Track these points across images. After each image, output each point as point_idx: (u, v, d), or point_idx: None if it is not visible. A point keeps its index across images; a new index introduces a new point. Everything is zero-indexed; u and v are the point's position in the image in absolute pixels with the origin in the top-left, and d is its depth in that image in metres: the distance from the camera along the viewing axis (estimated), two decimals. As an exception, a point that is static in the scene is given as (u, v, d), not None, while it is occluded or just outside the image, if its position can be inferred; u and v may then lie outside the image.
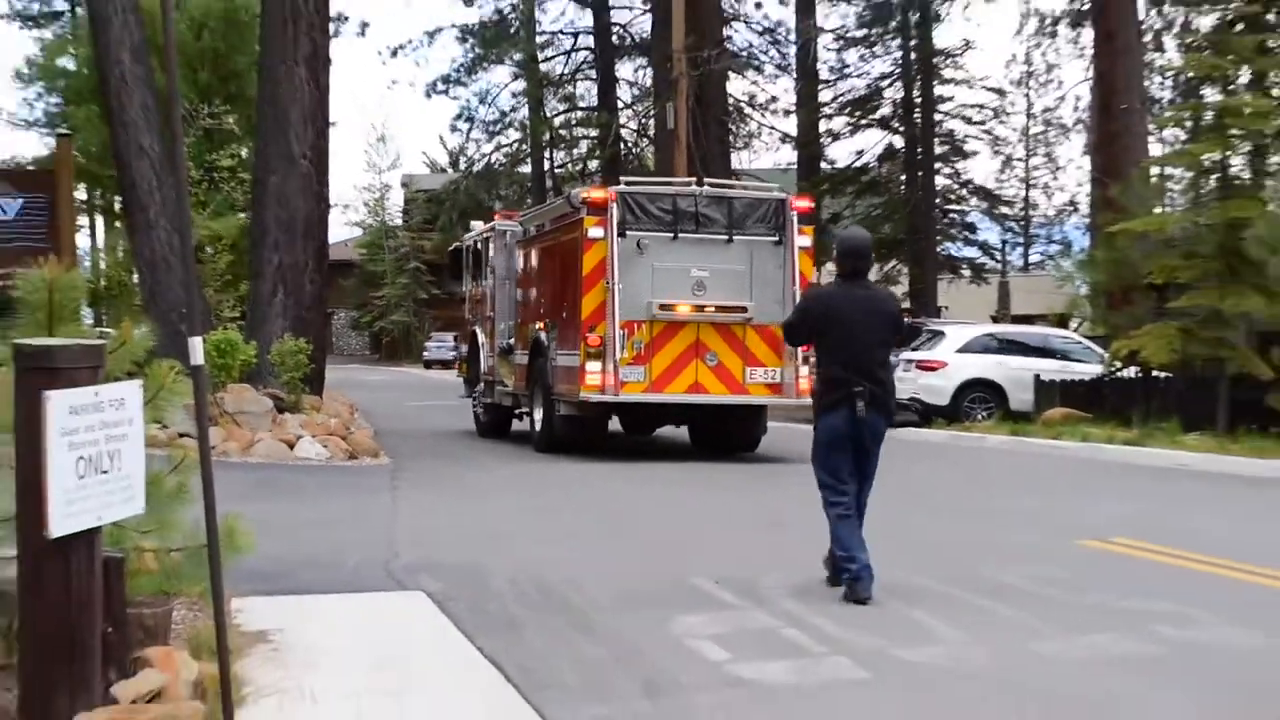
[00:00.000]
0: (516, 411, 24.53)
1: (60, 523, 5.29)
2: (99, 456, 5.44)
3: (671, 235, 19.23)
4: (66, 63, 58.80)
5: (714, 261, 19.21)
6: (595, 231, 18.77)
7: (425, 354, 69.27)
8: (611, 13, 59.00)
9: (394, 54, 73.34)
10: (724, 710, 6.89)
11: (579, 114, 62.33)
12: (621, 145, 56.34)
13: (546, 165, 60.05)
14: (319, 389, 23.07)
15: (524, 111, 61.02)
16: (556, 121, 61.57)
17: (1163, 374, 27.08)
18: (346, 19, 65.80)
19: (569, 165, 61.92)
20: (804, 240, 19.92)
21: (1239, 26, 30.12)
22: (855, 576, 8.96)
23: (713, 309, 19.19)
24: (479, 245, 27.86)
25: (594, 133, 60.83)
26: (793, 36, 53.64)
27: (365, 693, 7.16)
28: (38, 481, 5.27)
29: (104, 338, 6.84)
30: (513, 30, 59.36)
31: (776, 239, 19.70)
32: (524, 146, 61.54)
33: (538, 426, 21.64)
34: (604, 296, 18.61)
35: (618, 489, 16.48)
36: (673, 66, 38.84)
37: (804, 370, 19.01)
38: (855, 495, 9.47)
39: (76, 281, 7.46)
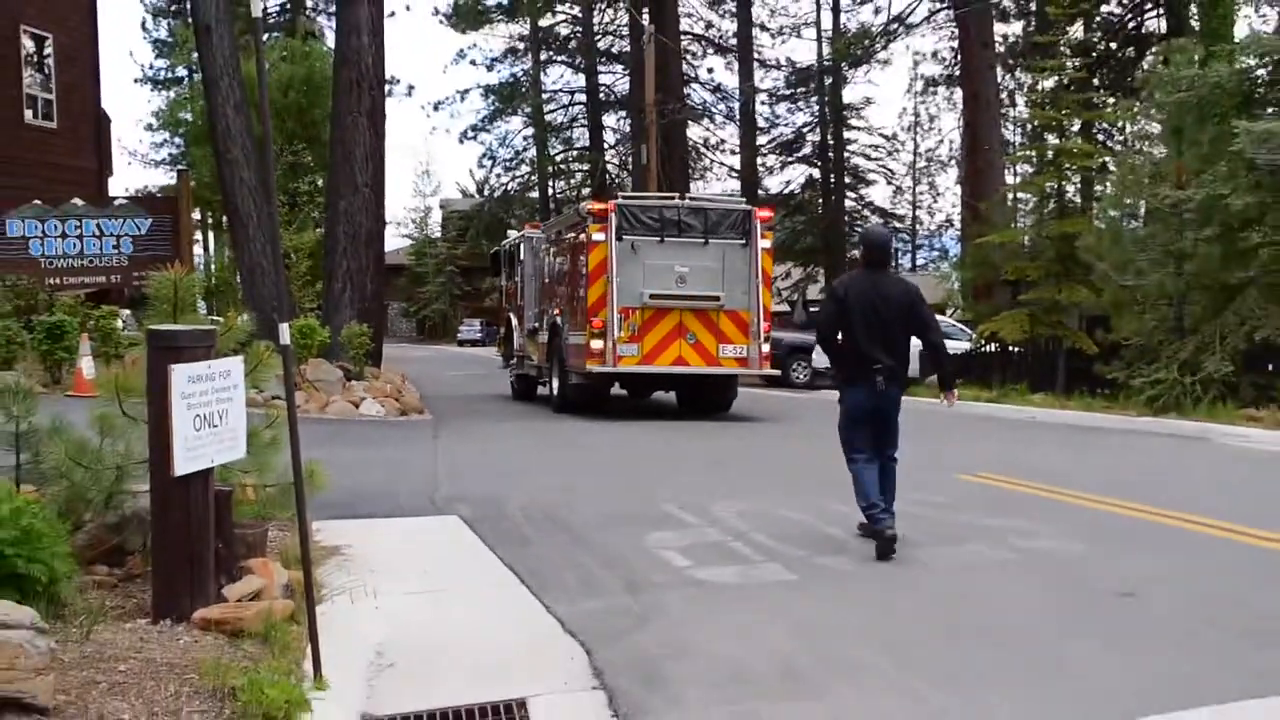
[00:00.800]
0: (540, 380, 23.77)
1: (182, 465, 5.31)
2: (211, 414, 5.45)
3: (659, 239, 18.89)
4: (185, 115, 58.66)
5: (693, 260, 18.91)
6: (598, 236, 18.52)
7: (459, 335, 69.55)
8: (599, 76, 58.98)
9: (435, 108, 74.78)
10: (687, 603, 6.92)
11: (574, 153, 62.33)
12: (606, 177, 56.65)
13: (550, 192, 59.90)
14: (378, 362, 23.05)
15: (532, 151, 61.01)
16: (557, 158, 61.52)
17: (1015, 349, 27.20)
18: (398, 81, 65.64)
19: (566, 192, 61.90)
20: (765, 243, 19.55)
21: (1071, 88, 30.14)
22: (876, 518, 8.11)
23: (693, 298, 18.86)
24: (512, 249, 27.45)
25: (586, 167, 61.04)
26: (737, 94, 53.54)
27: (413, 591, 7.18)
28: (165, 433, 5.29)
29: (215, 325, 6.84)
30: (523, 90, 59.30)
31: (744, 242, 19.30)
32: (532, 178, 61.55)
33: (555, 392, 21.37)
34: (605, 288, 18.38)
35: (609, 439, 16.48)
36: (645, 117, 38.79)
37: (765, 348, 19.27)
38: (874, 454, 8.51)
39: (194, 282, 7.49)
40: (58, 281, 23.31)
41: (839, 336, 8.44)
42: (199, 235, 59.35)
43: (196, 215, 51.60)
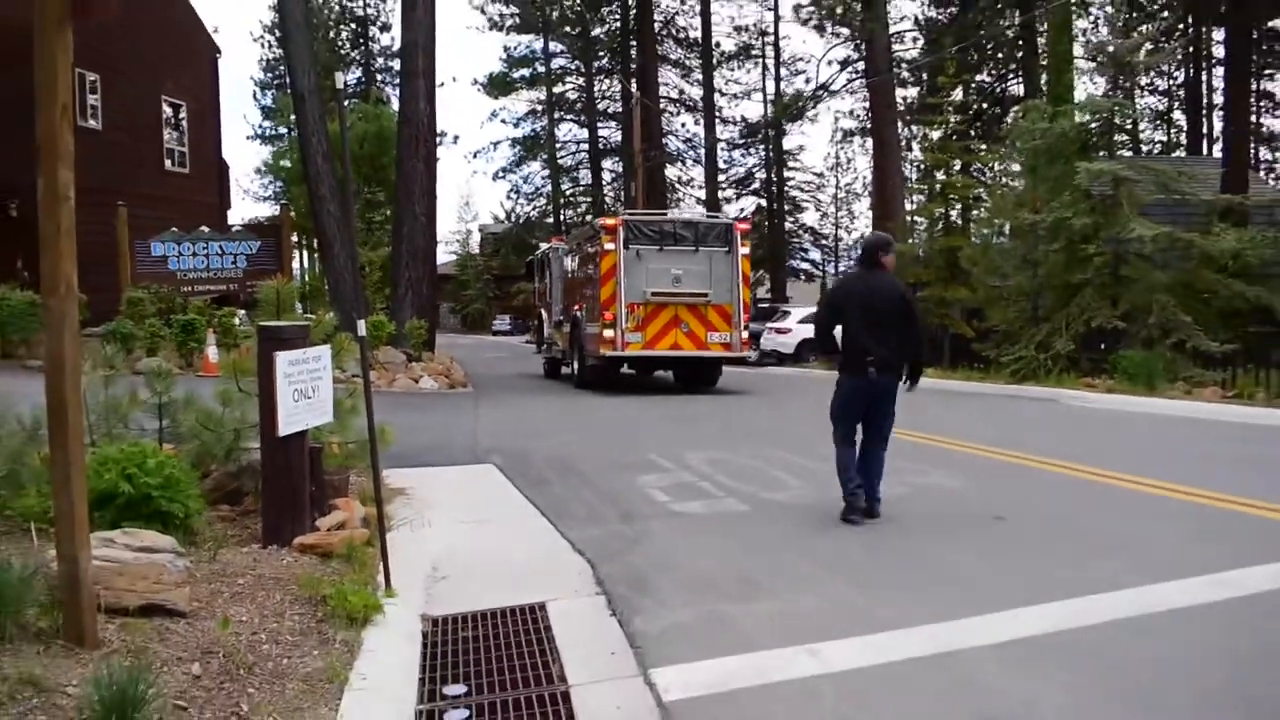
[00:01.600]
0: (564, 363, 22.71)
1: (285, 427, 5.31)
2: (306, 389, 5.44)
3: (659, 247, 18.02)
4: (285, 163, 58.57)
5: (686, 264, 18.08)
6: (609, 245, 17.75)
7: (493, 327, 69.68)
8: (599, 130, 58.88)
9: (474, 155, 75.16)
10: (667, 528, 6.92)
11: (580, 188, 62.20)
12: (604, 206, 56.59)
13: (561, 218, 59.78)
14: (432, 348, 22.95)
15: (548, 187, 60.88)
16: (567, 192, 61.43)
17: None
18: (447, 134, 65.61)
19: (574, 218, 61.77)
20: (744, 250, 18.60)
21: (954, 137, 30.15)
22: (852, 493, 7.20)
23: (686, 295, 18.04)
24: (542, 258, 26.39)
25: (589, 199, 60.94)
26: (703, 143, 53.47)
27: (461, 522, 7.18)
28: (271, 404, 5.29)
29: (308, 322, 6.83)
30: (541, 141, 59.22)
31: (727, 249, 18.36)
32: (548, 207, 61.36)
33: (575, 372, 20.58)
34: (615, 287, 17.60)
35: (612, 407, 16.43)
36: (634, 161, 38.75)
37: (745, 335, 18.56)
38: (854, 437, 7.47)
39: (292, 289, 7.49)
40: (190, 289, 23.51)
41: (837, 329, 7.50)
42: (297, 254, 59.30)
43: (295, 238, 51.65)
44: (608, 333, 17.66)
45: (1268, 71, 49.64)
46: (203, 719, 3.34)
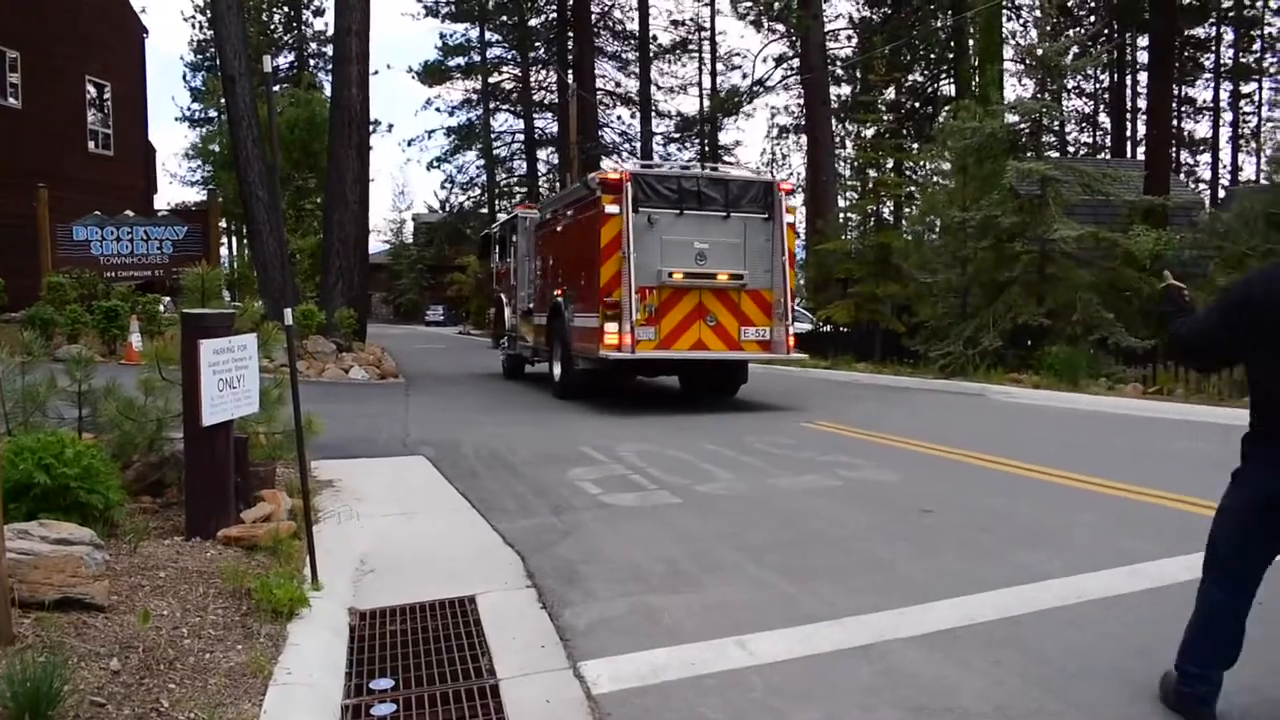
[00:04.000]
0: (533, 360, 19.10)
1: (209, 417, 5.23)
2: (231, 378, 5.35)
3: (678, 211, 13.85)
4: (214, 147, 57.63)
5: (713, 235, 13.96)
6: (612, 208, 13.48)
7: (426, 317, 69.16)
8: (535, 121, 58.63)
9: (409, 144, 73.89)
10: (598, 521, 6.91)
11: (515, 179, 61.84)
12: (539, 199, 56.38)
13: (495, 208, 59.40)
14: (363, 338, 22.71)
15: (483, 177, 60.51)
16: (502, 183, 61.07)
17: (845, 329, 27.55)
18: (380, 122, 65.13)
19: (509, 209, 61.50)
20: (789, 218, 14.42)
21: (886, 135, 30.50)
22: (1196, 681, 3.65)
23: (713, 276, 13.92)
24: (504, 231, 21.98)
25: (524, 190, 60.60)
26: (639, 137, 53.47)
27: (390, 514, 7.10)
28: (195, 393, 5.21)
29: (235, 309, 6.72)
30: (476, 131, 58.80)
31: (766, 216, 14.22)
32: (483, 198, 60.97)
33: (557, 376, 16.00)
34: (620, 265, 13.34)
35: (543, 398, 16.35)
36: (569, 153, 38.63)
37: (791, 330, 14.27)
38: (1250, 581, 3.70)
39: (218, 276, 7.35)
40: (113, 275, 23.16)
41: (1223, 358, 4.22)
42: (225, 240, 58.41)
43: (223, 224, 50.83)
44: (610, 328, 13.46)
45: (1189, 77, 51.05)
46: (121, 715, 3.26)
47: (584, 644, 4.42)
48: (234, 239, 62.19)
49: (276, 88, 50.62)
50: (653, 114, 53.43)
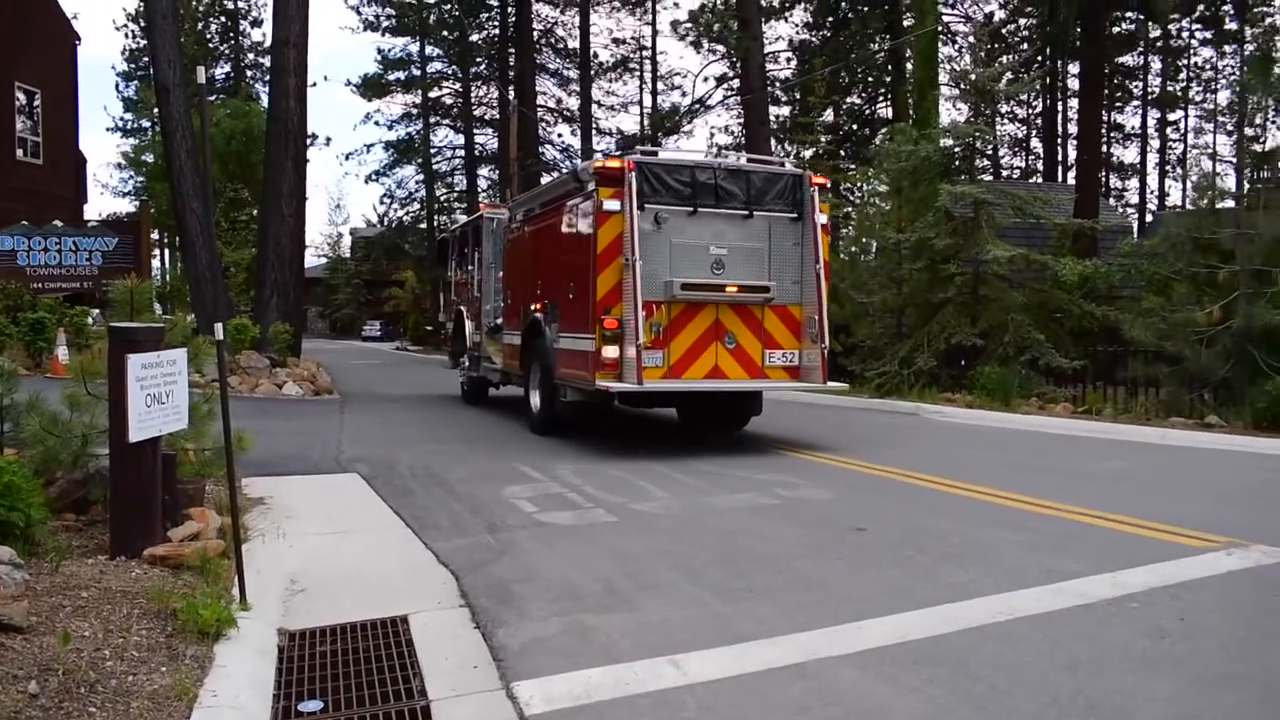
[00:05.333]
0: (497, 384, 16.91)
1: (136, 433, 5.13)
2: (160, 393, 5.26)
3: (690, 209, 11.38)
4: (147, 157, 56.70)
5: (732, 238, 11.58)
6: (611, 204, 10.98)
7: (363, 333, 68.79)
8: (475, 136, 58.43)
9: (347, 158, 73.54)
10: (534, 539, 6.88)
11: (455, 194, 61.51)
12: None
13: (435, 223, 59.07)
14: (298, 353, 22.43)
15: (422, 192, 60.08)
16: (441, 198, 60.66)
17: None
18: (318, 135, 64.43)
19: (449, 224, 61.25)
20: (822, 218, 11.93)
21: (824, 156, 30.88)
22: None
23: (734, 289, 11.50)
24: (464, 234, 18.92)
25: (464, 206, 60.32)
26: (580, 154, 53.54)
27: (321, 533, 7.01)
28: (122, 408, 5.11)
29: (166, 323, 6.62)
30: (416, 145, 58.45)
31: (795, 215, 11.84)
32: (422, 213, 60.53)
33: (536, 407, 13.30)
34: (620, 275, 10.94)
35: (479, 416, 16.25)
36: (510, 169, 38.57)
37: (825, 351, 11.89)
38: None
39: (149, 289, 7.25)
40: (40, 286, 22.72)
41: None
42: (157, 252, 57.50)
43: (155, 236, 50.02)
44: (608, 352, 11.03)
45: (1118, 105, 52.39)
46: (37, 740, 3.18)
47: (517, 664, 4.39)
48: (166, 251, 61.16)
49: (213, 98, 50.08)
50: (594, 131, 53.55)
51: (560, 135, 58.21)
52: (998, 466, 10.40)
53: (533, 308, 13.31)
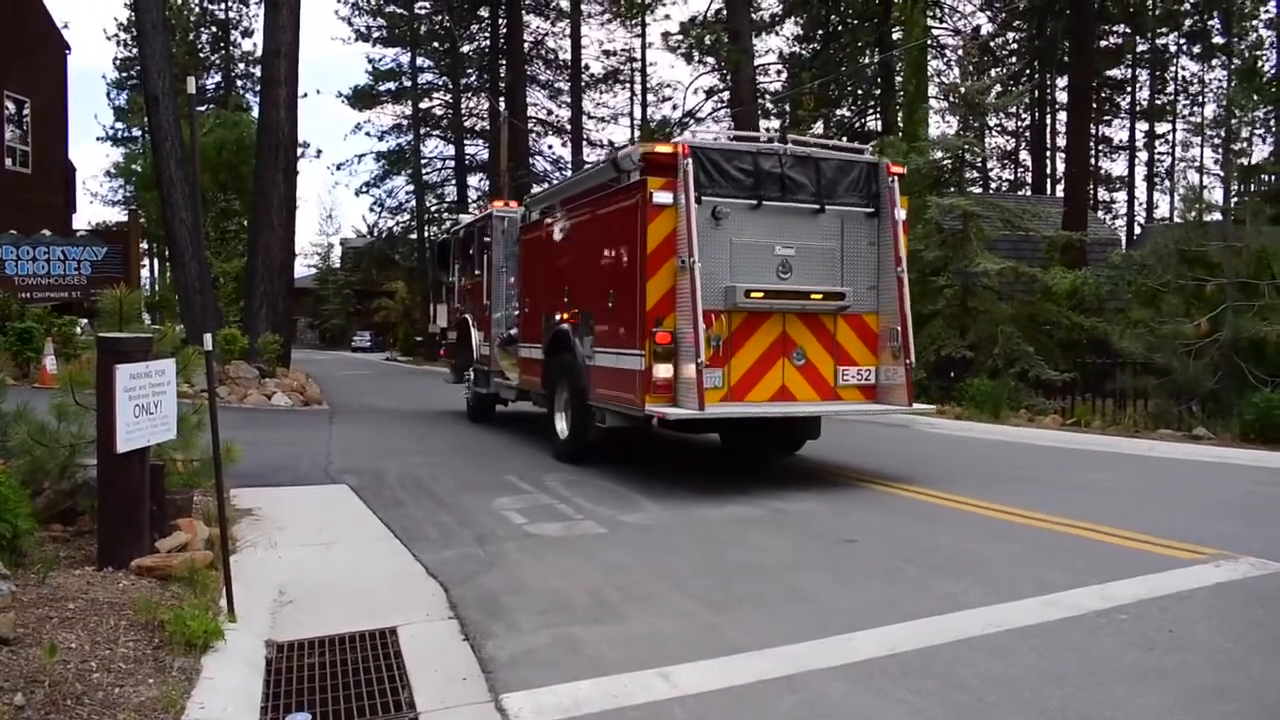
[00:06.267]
0: (506, 400, 15.46)
1: (124, 444, 5.12)
2: (148, 404, 5.25)
3: (754, 202, 9.72)
4: (136, 166, 56.66)
5: (801, 236, 9.94)
6: (662, 197, 9.32)
7: (353, 343, 68.69)
8: (465, 147, 58.45)
9: (338, 168, 73.31)
10: (523, 551, 6.87)
11: (445, 205, 61.48)
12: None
13: (425, 234, 59.04)
14: (287, 364, 22.40)
15: (413, 203, 60.03)
16: (432, 209, 60.63)
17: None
18: (309, 145, 64.68)
19: (440, 234, 61.22)
20: (901, 213, 10.23)
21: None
22: None
23: (806, 296, 9.84)
24: (470, 235, 16.86)
25: (454, 216, 60.36)
26: (570, 165, 53.61)
27: (309, 544, 6.99)
28: (109, 419, 5.10)
29: (155, 333, 6.61)
30: (406, 156, 58.43)
31: (871, 209, 10.25)
32: (412, 223, 60.51)
33: (563, 433, 11.64)
34: (673, 280, 9.34)
35: (470, 428, 16.21)
36: (500, 179, 38.60)
37: (909, 368, 10.02)
38: None
39: (137, 299, 7.23)
40: (28, 296, 22.67)
41: None
42: (146, 261, 57.42)
43: (145, 245, 49.93)
44: (661, 371, 9.34)
45: (1106, 117, 52.65)
46: (22, 753, 3.16)
47: (506, 676, 4.38)
48: (155, 261, 61.06)
49: (203, 108, 50.08)
50: (584, 142, 53.64)
51: (551, 146, 58.44)
52: (987, 478, 10.42)
53: (558, 318, 11.71)
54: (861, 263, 10.28)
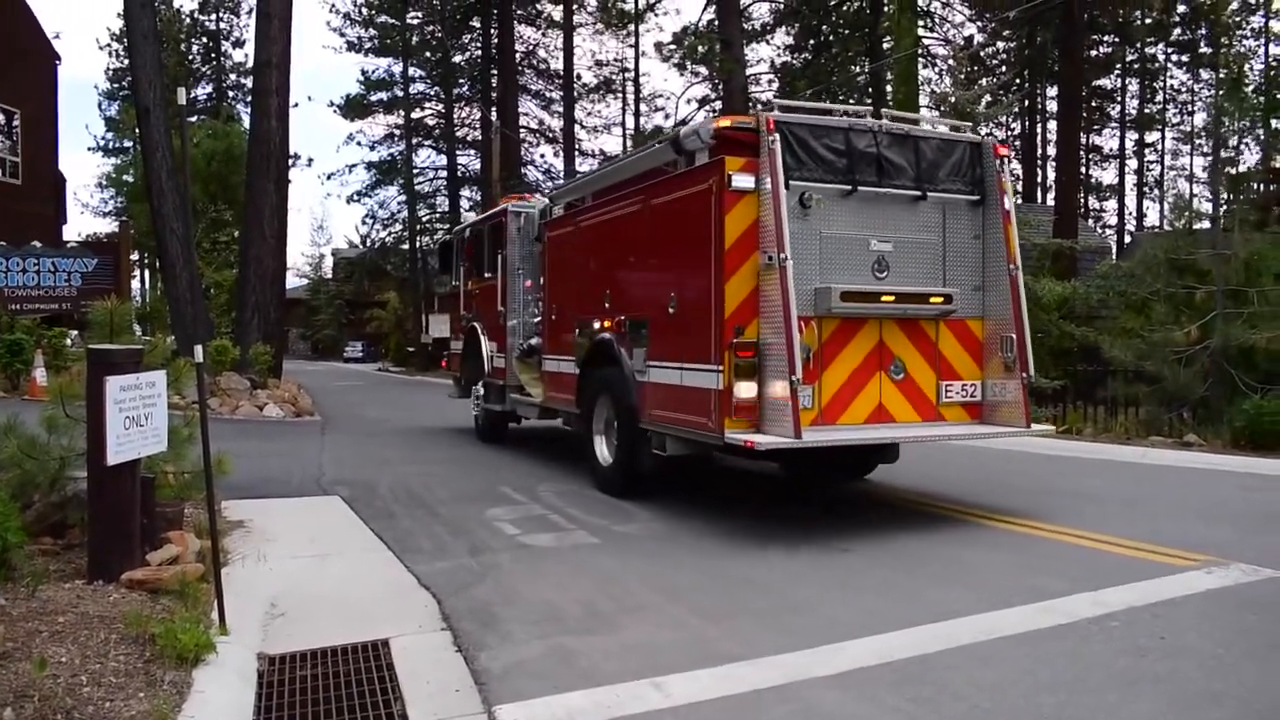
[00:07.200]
0: (518, 417, 14.07)
1: (114, 456, 5.09)
2: (138, 416, 5.23)
3: (847, 188, 8.18)
4: (128, 177, 56.61)
5: (899, 228, 8.44)
6: (742, 180, 7.74)
7: (345, 354, 68.58)
8: (458, 157, 58.47)
9: (329, 178, 73.50)
10: (515, 562, 6.86)
11: (437, 215, 61.49)
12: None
13: (417, 244, 59.01)
14: (279, 375, 22.38)
15: (405, 213, 60.01)
16: (424, 219, 60.62)
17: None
18: (300, 155, 64.55)
19: (432, 246, 61.10)
20: (1009, 201, 8.75)
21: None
22: None
23: (909, 299, 8.33)
24: (479, 234, 15.03)
25: (447, 226, 60.34)
26: (562, 175, 53.65)
27: (301, 556, 6.97)
28: (100, 431, 5.08)
29: (146, 345, 6.59)
30: (398, 166, 58.43)
31: (976, 197, 8.75)
32: (405, 233, 60.47)
33: (605, 459, 10.07)
34: (756, 280, 7.77)
35: (462, 438, 16.17)
36: (492, 190, 38.63)
37: (1024, 385, 8.50)
38: None
39: (128, 310, 7.21)
40: (18, 307, 22.53)
41: None
42: (137, 272, 57.32)
43: (135, 256, 49.86)
44: (744, 390, 7.68)
45: (1096, 126, 52.89)
46: (12, 768, 3.14)
47: (499, 688, 4.37)
48: (146, 272, 60.93)
49: (194, 119, 50.00)
50: (576, 152, 53.70)
51: (543, 156, 58.36)
52: (978, 485, 10.43)
53: (596, 325, 10.18)
54: (965, 259, 8.82)
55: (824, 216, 8.13)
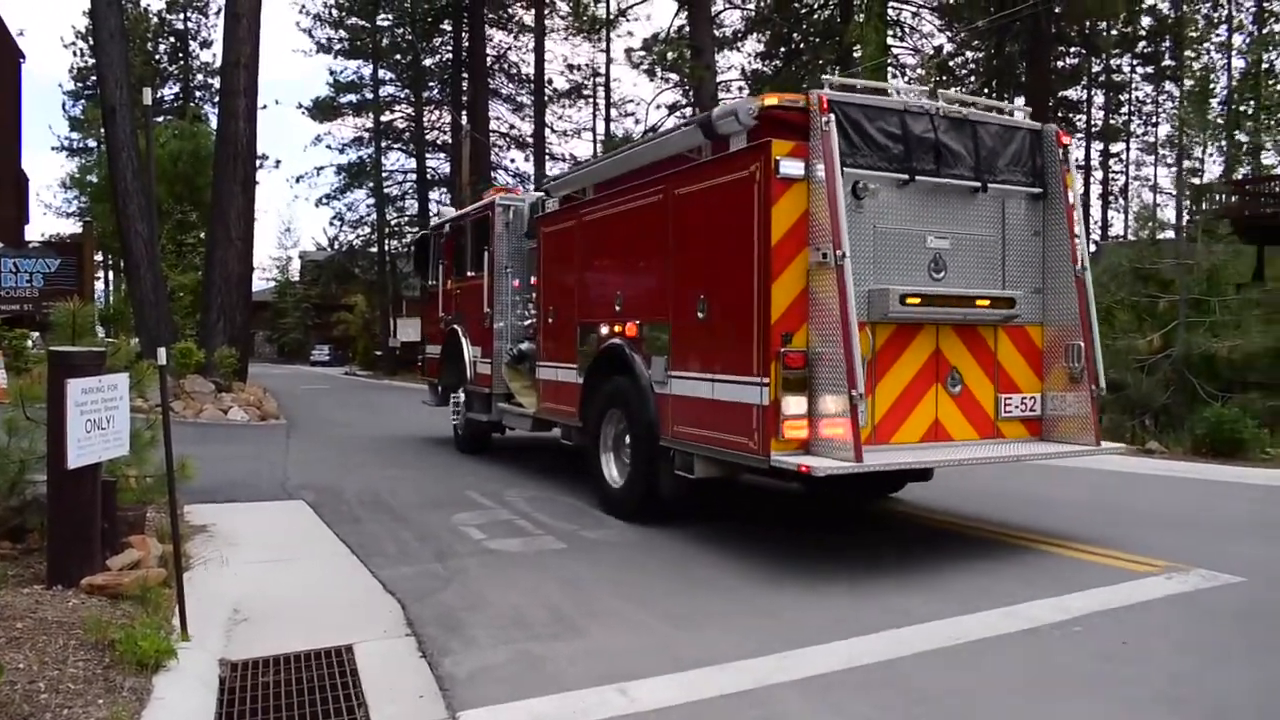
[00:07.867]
0: (501, 428, 12.85)
1: (75, 460, 5.04)
2: (100, 419, 5.17)
3: (904, 178, 7.20)
4: (92, 177, 55.98)
5: (956, 223, 7.47)
6: (791, 167, 6.69)
7: (312, 357, 68.14)
8: (427, 160, 58.29)
9: (297, 180, 73.15)
10: (482, 567, 6.83)
11: (406, 218, 61.25)
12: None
13: (386, 247, 58.77)
14: (244, 378, 22.22)
15: (373, 216, 59.75)
16: (392, 222, 60.37)
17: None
18: (267, 157, 63.94)
19: (400, 249, 60.82)
20: (1072, 193, 7.89)
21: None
22: None
23: (969, 303, 7.38)
24: (460, 230, 13.78)
25: (415, 229, 60.05)
26: (532, 179, 53.59)
27: (267, 561, 6.92)
28: (60, 434, 5.03)
29: (109, 347, 6.53)
30: (367, 169, 58.18)
31: (1038, 189, 7.85)
32: (372, 237, 60.20)
33: (616, 480, 9.03)
34: (805, 280, 6.73)
35: (430, 443, 16.09)
36: (461, 193, 38.52)
37: (1095, 397, 7.63)
38: None
39: (91, 312, 7.15)
40: (-22, 308, 22.21)
41: None
42: (101, 274, 56.65)
43: (99, 258, 49.29)
44: (793, 406, 6.70)
45: (1061, 136, 53.30)
46: (-34, 776, 3.09)
47: (464, 693, 4.34)
48: (110, 273, 60.28)
49: (161, 119, 49.53)
50: (546, 157, 53.65)
51: (513, 160, 58.23)
52: (942, 492, 10.48)
53: (605, 330, 9.16)
54: (1026, 259, 7.90)
55: (878, 208, 7.18)
